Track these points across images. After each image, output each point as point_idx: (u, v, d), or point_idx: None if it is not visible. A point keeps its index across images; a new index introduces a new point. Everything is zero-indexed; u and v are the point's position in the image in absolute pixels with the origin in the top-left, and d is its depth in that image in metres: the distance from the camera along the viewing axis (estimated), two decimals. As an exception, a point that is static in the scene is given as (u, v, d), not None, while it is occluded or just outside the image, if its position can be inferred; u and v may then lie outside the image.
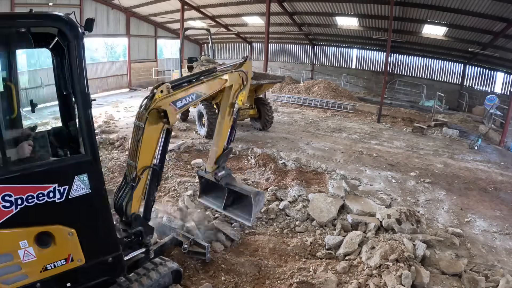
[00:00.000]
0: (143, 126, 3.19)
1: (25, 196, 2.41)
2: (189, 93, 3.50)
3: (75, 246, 2.74)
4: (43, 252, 2.59)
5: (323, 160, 7.98)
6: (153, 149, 3.35)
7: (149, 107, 3.19)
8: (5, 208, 2.35)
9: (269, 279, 4.08)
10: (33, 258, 2.54)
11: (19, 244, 2.48)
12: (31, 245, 2.51)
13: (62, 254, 2.69)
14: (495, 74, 15.51)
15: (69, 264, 2.74)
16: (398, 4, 12.07)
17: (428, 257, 4.28)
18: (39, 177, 2.48)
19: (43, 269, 2.62)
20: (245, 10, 16.59)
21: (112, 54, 35.09)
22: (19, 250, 2.49)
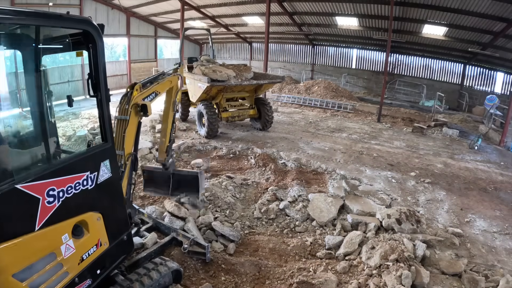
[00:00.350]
0: (128, 119, 3.80)
1: (65, 188, 2.48)
2: (151, 92, 4.21)
3: (102, 230, 2.88)
4: (79, 242, 2.64)
5: (323, 160, 7.98)
6: (133, 138, 3.92)
7: (130, 103, 3.82)
8: (49, 203, 2.36)
9: (269, 279, 4.08)
10: (73, 251, 2.57)
11: (61, 239, 2.49)
12: (70, 237, 2.56)
13: (93, 241, 2.79)
14: (495, 74, 15.51)
15: (99, 250, 2.85)
16: (398, 4, 12.07)
17: (428, 257, 4.28)
18: (76, 167, 2.62)
19: (80, 260, 2.66)
20: (245, 10, 16.59)
21: (112, 54, 35.06)
22: (61, 246, 2.49)
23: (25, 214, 2.25)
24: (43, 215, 2.32)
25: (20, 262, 2.25)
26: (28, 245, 2.27)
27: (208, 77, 8.71)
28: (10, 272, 2.18)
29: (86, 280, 2.74)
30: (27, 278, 2.26)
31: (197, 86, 9.38)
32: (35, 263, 2.31)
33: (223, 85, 8.94)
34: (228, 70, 9.43)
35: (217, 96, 9.61)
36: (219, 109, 9.76)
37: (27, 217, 2.26)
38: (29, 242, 2.26)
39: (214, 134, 9.38)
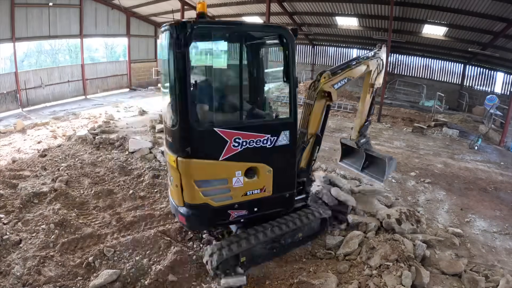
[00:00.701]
0: (313, 103, 4.32)
1: (248, 140, 3.67)
2: (343, 78, 4.49)
3: (269, 180, 3.93)
4: (248, 182, 3.82)
5: (323, 160, 7.98)
6: (319, 121, 4.50)
7: (317, 89, 4.27)
8: (234, 147, 3.61)
9: (269, 279, 4.08)
10: (241, 185, 3.78)
11: (235, 173, 3.71)
12: (242, 175, 3.76)
13: (259, 185, 3.90)
14: (495, 74, 15.51)
15: (261, 194, 3.93)
16: (398, 4, 12.07)
17: (428, 257, 4.28)
18: (261, 129, 3.76)
19: (244, 194, 3.83)
20: (245, 10, 16.58)
21: (112, 54, 35.03)
22: (233, 178, 3.72)
23: (215, 147, 3.55)
24: (227, 153, 3.59)
25: (202, 175, 3.61)
26: (211, 167, 3.60)
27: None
28: (194, 178, 3.59)
29: (243, 210, 3.88)
30: (203, 186, 3.63)
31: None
32: (211, 180, 3.65)
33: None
34: (228, 70, 9.43)
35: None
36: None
37: (216, 150, 3.56)
38: (212, 165, 3.59)
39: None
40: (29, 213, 5.30)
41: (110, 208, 5.59)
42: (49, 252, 4.30)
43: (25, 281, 3.77)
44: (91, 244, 4.58)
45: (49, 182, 6.40)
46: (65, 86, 16.06)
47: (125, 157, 7.89)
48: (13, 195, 5.86)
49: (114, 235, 4.80)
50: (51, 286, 3.70)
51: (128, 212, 5.45)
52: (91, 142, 8.78)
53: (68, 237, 4.63)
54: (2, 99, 13.06)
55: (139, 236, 4.64)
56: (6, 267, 3.99)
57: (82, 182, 6.57)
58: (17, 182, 6.33)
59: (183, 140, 3.50)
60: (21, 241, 4.58)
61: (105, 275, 3.77)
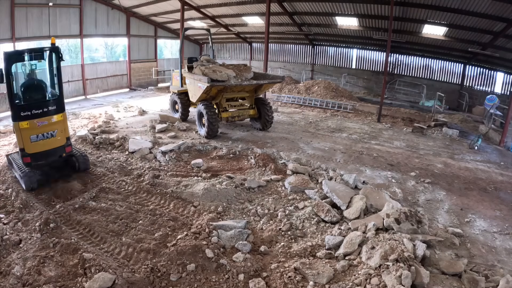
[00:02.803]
0: None
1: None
2: None
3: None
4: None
5: (323, 160, 7.99)
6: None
7: None
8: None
9: (266, 271, 4.14)
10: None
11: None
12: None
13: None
14: (495, 74, 15.51)
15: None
16: (398, 4, 12.07)
17: (428, 257, 4.28)
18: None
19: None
20: (245, 10, 16.59)
21: (112, 54, 35.07)
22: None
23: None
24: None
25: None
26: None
27: (208, 77, 8.71)
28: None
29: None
30: None
31: (197, 86, 9.38)
32: None
33: (223, 85, 8.94)
34: (228, 70, 9.43)
35: (217, 96, 9.61)
36: (219, 109, 9.76)
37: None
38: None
39: (214, 134, 9.38)
40: (29, 213, 5.31)
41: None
42: (49, 252, 4.30)
43: (25, 281, 3.77)
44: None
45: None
46: (65, 86, 15.91)
47: (125, 157, 7.90)
48: (13, 195, 5.86)
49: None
50: (51, 286, 3.70)
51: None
52: (91, 142, 8.78)
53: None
54: (2, 99, 13.05)
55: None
56: (6, 267, 3.99)
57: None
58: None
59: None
60: (21, 241, 4.58)
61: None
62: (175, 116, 11.77)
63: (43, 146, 6.04)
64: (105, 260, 4.16)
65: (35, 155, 5.95)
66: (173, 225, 5.13)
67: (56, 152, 6.28)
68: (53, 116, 6.06)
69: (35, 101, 5.85)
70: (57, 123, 6.16)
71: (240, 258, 4.30)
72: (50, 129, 6.05)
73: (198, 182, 6.45)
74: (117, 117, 11.98)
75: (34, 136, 5.89)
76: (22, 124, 5.69)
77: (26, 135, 5.79)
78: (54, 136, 6.11)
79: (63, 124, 6.30)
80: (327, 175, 6.93)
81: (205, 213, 5.45)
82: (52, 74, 6.17)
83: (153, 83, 21.36)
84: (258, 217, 5.48)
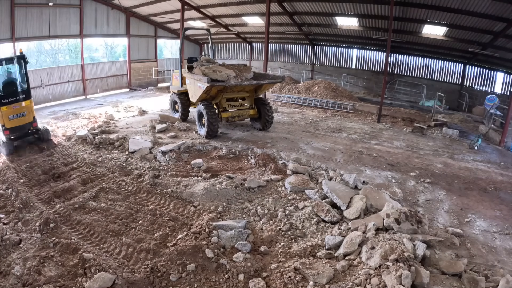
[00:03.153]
0: None
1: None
2: None
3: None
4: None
5: (323, 160, 7.99)
6: None
7: None
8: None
9: (265, 271, 4.14)
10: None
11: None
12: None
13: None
14: (495, 74, 15.51)
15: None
16: (398, 4, 12.07)
17: (428, 257, 4.28)
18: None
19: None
20: (245, 10, 16.59)
21: (112, 54, 35.04)
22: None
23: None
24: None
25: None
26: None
27: (208, 77, 8.71)
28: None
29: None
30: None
31: (197, 86, 9.38)
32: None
33: (223, 85, 8.94)
34: (228, 70, 9.43)
35: (217, 96, 9.61)
36: (219, 109, 9.76)
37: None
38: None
39: (214, 134, 9.38)
40: (29, 213, 5.31)
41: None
42: (49, 252, 4.30)
43: (25, 281, 3.77)
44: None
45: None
46: (65, 86, 16.06)
47: (125, 157, 7.90)
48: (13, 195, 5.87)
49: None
50: (51, 286, 3.70)
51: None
52: (91, 142, 8.79)
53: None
54: None
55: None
56: (6, 267, 3.99)
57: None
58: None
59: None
60: (21, 241, 4.58)
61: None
62: (175, 116, 11.77)
63: (17, 123, 8.39)
64: (105, 260, 4.16)
65: (12, 129, 8.33)
66: (173, 225, 5.13)
67: (26, 126, 8.61)
68: (23, 102, 8.43)
69: (11, 93, 8.21)
70: (26, 107, 8.50)
71: (240, 258, 4.30)
72: (21, 111, 8.42)
73: (198, 182, 6.45)
74: (117, 117, 11.98)
75: (11, 116, 8.23)
76: (2, 108, 8.08)
77: (6, 115, 8.13)
78: (24, 115, 8.48)
79: (30, 107, 8.63)
80: (327, 175, 6.93)
81: (205, 213, 5.45)
82: (22, 73, 8.52)
83: (153, 83, 21.36)
84: (258, 217, 5.48)
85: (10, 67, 8.53)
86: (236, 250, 4.56)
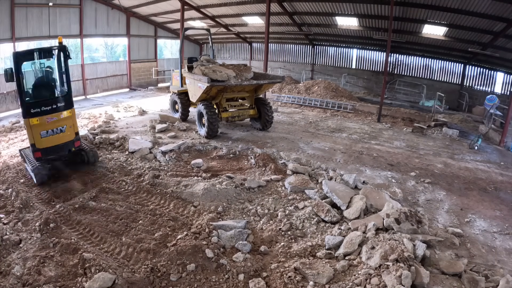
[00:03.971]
0: None
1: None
2: None
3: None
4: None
5: (323, 160, 7.99)
6: None
7: None
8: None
9: (265, 271, 4.14)
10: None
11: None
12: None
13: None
14: (495, 74, 15.51)
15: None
16: (398, 4, 12.07)
17: (428, 257, 4.28)
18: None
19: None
20: (245, 10, 16.59)
21: (112, 54, 35.05)
22: None
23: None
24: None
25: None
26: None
27: (208, 77, 8.71)
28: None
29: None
30: None
31: (197, 86, 9.38)
32: None
33: (223, 85, 8.94)
34: (228, 70, 9.43)
35: (217, 96, 9.61)
36: (219, 109, 9.76)
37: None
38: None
39: (214, 134, 9.38)
40: (29, 213, 5.31)
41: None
42: (49, 252, 4.30)
43: (25, 281, 3.76)
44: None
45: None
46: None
47: (125, 157, 7.90)
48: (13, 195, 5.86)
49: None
50: (51, 286, 3.70)
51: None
52: (91, 142, 8.78)
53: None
54: (2, 99, 13.06)
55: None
56: (6, 267, 3.99)
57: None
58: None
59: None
60: (21, 241, 4.58)
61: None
62: (175, 116, 11.77)
63: (53, 141, 6.30)
64: (105, 260, 4.16)
65: (45, 149, 6.22)
66: (173, 225, 5.13)
67: (66, 146, 6.56)
68: (62, 112, 6.33)
69: (45, 98, 6.16)
70: (66, 119, 6.41)
71: (240, 258, 4.30)
72: (59, 125, 6.32)
73: (198, 182, 6.45)
74: (117, 117, 11.98)
75: (45, 132, 6.18)
76: (32, 121, 5.97)
77: (37, 131, 6.07)
78: (63, 131, 6.39)
79: (72, 119, 6.55)
80: (327, 175, 6.93)
81: (205, 213, 5.45)
82: (61, 72, 6.43)
83: (153, 83, 21.36)
84: (258, 217, 5.48)
85: (45, 63, 6.41)
86: (236, 250, 4.56)
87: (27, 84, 6.13)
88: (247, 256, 4.36)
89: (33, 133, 6.04)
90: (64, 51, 6.23)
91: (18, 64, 5.91)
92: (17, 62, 5.90)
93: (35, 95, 6.10)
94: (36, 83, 6.22)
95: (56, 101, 6.27)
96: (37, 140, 6.11)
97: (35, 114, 5.98)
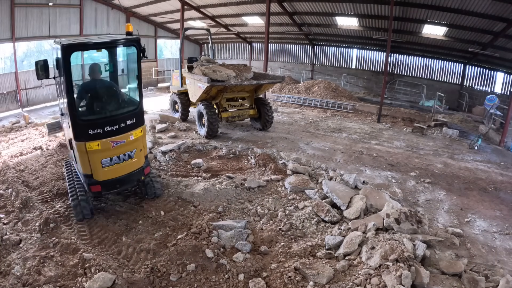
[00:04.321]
0: None
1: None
2: None
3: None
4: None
5: (323, 160, 7.98)
6: None
7: None
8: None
9: (266, 271, 4.14)
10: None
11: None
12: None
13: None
14: (495, 74, 15.51)
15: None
16: (398, 4, 12.07)
17: (428, 257, 4.28)
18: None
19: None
20: (245, 10, 16.59)
21: (112, 54, 34.64)
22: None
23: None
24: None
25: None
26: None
27: (208, 77, 8.71)
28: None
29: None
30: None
31: (197, 86, 9.38)
32: None
33: (223, 85, 8.94)
34: (228, 70, 9.43)
35: (217, 96, 9.61)
36: (219, 109, 9.76)
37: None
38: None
39: (214, 134, 9.38)
40: (29, 213, 5.30)
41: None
42: (49, 252, 4.30)
43: (25, 281, 3.76)
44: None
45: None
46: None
47: (125, 157, 7.89)
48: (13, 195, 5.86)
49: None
50: (51, 286, 3.70)
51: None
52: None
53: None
54: (2, 99, 13.06)
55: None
56: (6, 267, 3.99)
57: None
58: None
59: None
60: (21, 241, 4.58)
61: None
62: (175, 116, 11.77)
63: (118, 171, 4.60)
64: (105, 260, 4.16)
65: (107, 182, 4.55)
66: (173, 225, 5.12)
67: (133, 177, 4.85)
68: (133, 132, 4.56)
69: (108, 113, 4.44)
70: (137, 141, 4.68)
71: (240, 258, 4.30)
72: (127, 150, 4.58)
73: (198, 182, 6.45)
74: (117, 117, 11.96)
75: (108, 160, 4.45)
76: (91, 145, 4.22)
77: (97, 158, 4.36)
78: (132, 157, 4.62)
79: (142, 141, 4.84)
80: (327, 175, 6.93)
81: (205, 213, 5.45)
82: (133, 76, 4.74)
83: (153, 83, 21.35)
84: (258, 217, 5.48)
85: (111, 62, 4.60)
86: (236, 250, 4.56)
87: (83, 95, 4.46)
88: (247, 256, 4.36)
89: (91, 161, 4.29)
90: (137, 44, 4.47)
91: (68, 61, 4.03)
92: (66, 57, 4.05)
93: (95, 108, 4.43)
94: (97, 92, 4.53)
95: (125, 118, 4.43)
96: (96, 170, 4.36)
97: (95, 136, 4.24)
